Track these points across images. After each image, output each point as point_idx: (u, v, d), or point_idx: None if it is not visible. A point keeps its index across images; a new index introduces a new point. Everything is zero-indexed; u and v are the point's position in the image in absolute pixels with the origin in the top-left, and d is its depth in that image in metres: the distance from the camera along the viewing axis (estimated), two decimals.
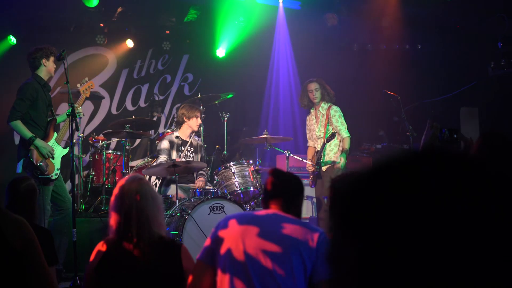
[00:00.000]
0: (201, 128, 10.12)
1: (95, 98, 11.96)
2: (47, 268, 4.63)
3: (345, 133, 9.52)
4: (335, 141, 9.58)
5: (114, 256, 4.13)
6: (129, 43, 12.65)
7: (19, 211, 4.63)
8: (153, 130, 12.25)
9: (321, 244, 3.89)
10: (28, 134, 7.98)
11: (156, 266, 4.10)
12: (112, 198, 4.25)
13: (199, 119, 9.62)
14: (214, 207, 8.08)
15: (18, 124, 8.00)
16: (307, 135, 10.06)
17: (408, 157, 1.10)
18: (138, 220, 4.11)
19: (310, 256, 3.83)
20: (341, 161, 9.38)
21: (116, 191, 4.24)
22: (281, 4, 13.08)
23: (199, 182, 9.36)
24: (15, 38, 11.41)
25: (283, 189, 4.10)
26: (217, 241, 3.92)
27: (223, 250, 3.88)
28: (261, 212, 4.08)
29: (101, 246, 4.21)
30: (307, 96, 9.80)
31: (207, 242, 3.98)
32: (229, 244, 3.87)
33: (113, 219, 4.18)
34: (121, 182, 4.26)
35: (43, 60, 8.31)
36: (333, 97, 9.80)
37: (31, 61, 8.35)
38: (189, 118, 9.59)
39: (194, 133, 9.82)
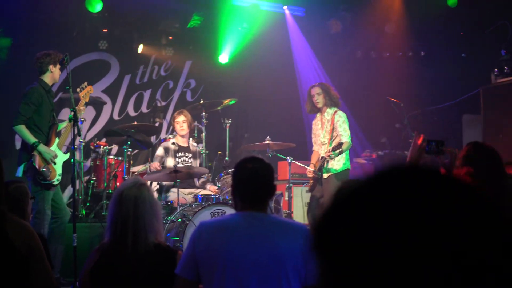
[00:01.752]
0: (203, 134, 10.14)
1: (97, 104, 11.96)
2: (51, 272, 4.62)
3: (345, 138, 9.37)
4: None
5: (109, 262, 4.09)
6: (140, 48, 12.67)
7: None
8: (154, 136, 12.23)
9: (305, 243, 3.80)
10: (31, 139, 7.96)
11: (151, 274, 4.06)
12: (111, 203, 4.22)
13: (180, 123, 9.65)
14: (216, 213, 8.06)
15: (22, 129, 7.98)
16: (312, 140, 9.96)
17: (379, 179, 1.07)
18: (135, 227, 4.07)
19: (301, 258, 3.76)
20: (332, 155, 9.23)
21: (115, 196, 4.20)
22: (287, 11, 13.10)
23: (212, 187, 9.43)
24: (16, 41, 11.34)
25: (264, 182, 3.90)
26: (199, 253, 3.74)
27: (208, 263, 3.73)
28: (241, 214, 3.91)
29: (96, 251, 4.19)
30: (311, 100, 9.73)
31: (186, 255, 3.81)
32: (216, 255, 3.72)
33: (110, 224, 4.15)
34: (121, 186, 4.23)
35: (51, 66, 8.29)
36: (338, 101, 9.68)
37: (38, 65, 8.32)
38: (173, 125, 9.72)
39: (192, 139, 9.87)
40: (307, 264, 3.77)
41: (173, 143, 9.65)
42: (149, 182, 9.68)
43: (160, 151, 9.54)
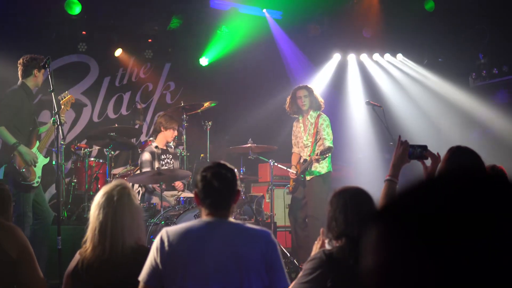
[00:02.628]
0: (184, 136, 10.13)
1: (77, 106, 11.90)
2: (41, 274, 4.62)
3: (328, 143, 9.42)
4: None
5: (88, 265, 4.09)
6: (118, 52, 12.62)
7: None
8: (134, 139, 12.19)
9: (269, 249, 3.85)
10: (12, 140, 7.92)
11: (128, 278, 4.03)
12: (92, 207, 4.21)
13: (175, 131, 9.69)
14: (199, 215, 8.05)
15: (2, 130, 7.92)
16: (293, 141, 9.98)
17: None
18: (113, 231, 4.07)
19: (264, 264, 3.80)
20: (320, 159, 9.28)
21: (95, 200, 4.20)
22: (267, 14, 13.14)
23: (180, 184, 9.45)
24: None
25: (227, 188, 3.89)
26: (162, 260, 3.73)
27: (171, 270, 3.73)
28: (204, 221, 3.88)
29: (78, 254, 4.19)
30: (296, 103, 9.71)
31: (149, 262, 3.80)
32: (178, 262, 3.73)
33: (90, 228, 4.14)
34: (103, 190, 4.22)
35: (35, 70, 8.23)
36: (321, 105, 9.73)
37: (22, 69, 8.25)
38: (166, 129, 9.67)
39: (173, 142, 9.87)
40: (269, 270, 3.81)
41: (156, 147, 9.66)
42: (130, 184, 9.68)
43: (147, 156, 9.50)
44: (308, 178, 9.44)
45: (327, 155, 9.18)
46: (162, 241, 3.76)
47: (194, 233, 3.80)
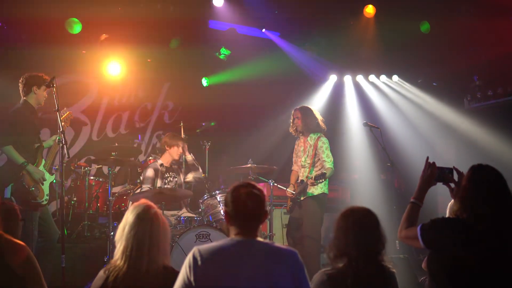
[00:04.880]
0: (183, 157, 10.16)
1: (77, 124, 11.94)
2: None
3: (328, 165, 9.47)
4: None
5: (121, 281, 4.08)
6: (114, 70, 12.66)
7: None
8: (132, 158, 12.21)
9: (297, 268, 3.89)
10: (20, 159, 7.95)
11: None
12: (123, 225, 4.19)
13: (180, 148, 9.76)
14: (201, 235, 8.13)
15: (11, 149, 7.96)
16: (293, 159, 10.02)
17: None
18: (150, 249, 4.09)
19: (293, 283, 3.83)
20: (315, 184, 9.33)
21: (127, 218, 4.20)
22: (269, 34, 13.20)
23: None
24: None
25: (258, 208, 3.95)
26: (195, 280, 3.76)
27: None
28: (235, 241, 3.91)
29: (102, 273, 4.16)
30: (293, 123, 9.84)
31: (181, 280, 3.82)
32: (211, 282, 3.76)
33: (122, 247, 4.14)
34: (134, 209, 4.22)
35: (34, 88, 8.26)
36: (321, 127, 9.75)
37: (22, 86, 8.30)
38: (170, 147, 9.74)
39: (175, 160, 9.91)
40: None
41: (161, 165, 9.73)
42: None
43: (150, 173, 9.56)
44: (302, 198, 9.48)
45: (321, 180, 9.21)
46: (195, 259, 3.79)
47: (227, 252, 3.85)
